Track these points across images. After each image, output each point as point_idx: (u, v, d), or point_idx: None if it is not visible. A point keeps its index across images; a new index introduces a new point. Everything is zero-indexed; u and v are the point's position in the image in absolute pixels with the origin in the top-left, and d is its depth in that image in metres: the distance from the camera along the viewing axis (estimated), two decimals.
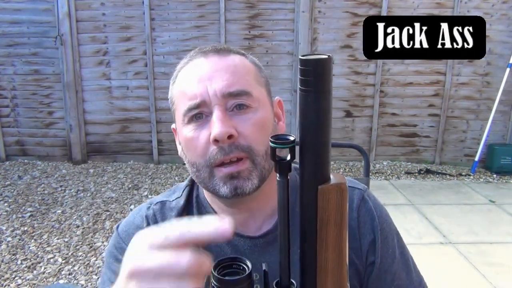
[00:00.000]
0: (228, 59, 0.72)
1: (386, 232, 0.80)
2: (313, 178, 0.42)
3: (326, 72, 0.40)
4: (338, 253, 0.44)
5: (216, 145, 0.67)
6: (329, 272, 0.44)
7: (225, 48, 0.74)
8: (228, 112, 0.68)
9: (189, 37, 4.81)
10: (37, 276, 2.78)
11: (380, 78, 4.91)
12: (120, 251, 0.78)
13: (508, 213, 3.83)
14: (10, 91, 4.97)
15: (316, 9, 4.79)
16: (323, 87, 0.40)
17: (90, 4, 4.77)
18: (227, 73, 0.69)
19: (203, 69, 0.71)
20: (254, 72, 0.74)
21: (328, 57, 0.40)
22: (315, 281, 0.44)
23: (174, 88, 0.77)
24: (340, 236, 0.43)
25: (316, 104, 0.40)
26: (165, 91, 5.49)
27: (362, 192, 0.82)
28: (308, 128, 0.41)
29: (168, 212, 0.80)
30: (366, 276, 0.79)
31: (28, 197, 4.08)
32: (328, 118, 0.41)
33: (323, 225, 0.43)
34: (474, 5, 4.74)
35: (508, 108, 4.92)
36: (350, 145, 3.80)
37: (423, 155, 5.13)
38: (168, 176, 4.68)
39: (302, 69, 0.40)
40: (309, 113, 0.41)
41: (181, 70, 0.75)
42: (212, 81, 0.68)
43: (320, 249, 0.43)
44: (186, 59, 0.76)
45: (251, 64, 0.75)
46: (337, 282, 0.44)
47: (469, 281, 2.78)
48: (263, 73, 0.77)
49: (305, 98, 0.40)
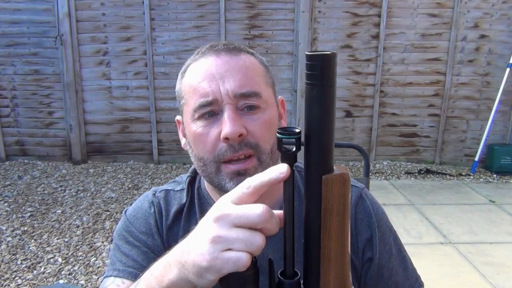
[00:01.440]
0: (239, 58, 0.74)
1: (383, 229, 0.82)
2: (317, 168, 0.43)
3: (331, 67, 0.42)
4: (341, 242, 0.44)
5: (226, 142, 0.69)
6: (332, 261, 0.45)
7: (236, 47, 0.76)
8: (238, 111, 0.71)
9: (189, 37, 4.81)
10: (37, 276, 2.78)
11: (380, 78, 4.91)
12: (129, 233, 0.81)
13: (508, 213, 3.83)
14: (10, 91, 4.98)
15: (316, 9, 4.79)
16: (328, 81, 0.42)
17: (90, 4, 4.77)
18: (239, 73, 0.71)
19: (215, 67, 0.72)
20: (263, 73, 0.77)
21: (333, 53, 0.41)
22: (318, 269, 0.45)
23: (183, 82, 0.78)
24: (343, 226, 0.44)
25: (321, 97, 0.42)
26: (165, 91, 5.50)
27: (360, 190, 0.84)
28: (313, 120, 0.42)
29: (172, 200, 0.83)
30: (363, 272, 0.80)
31: (28, 197, 4.07)
32: (332, 111, 0.43)
33: (326, 214, 0.43)
34: (474, 5, 4.74)
35: (508, 108, 4.92)
36: (350, 145, 3.79)
37: (423, 155, 5.13)
38: (168, 176, 4.68)
39: (308, 63, 0.41)
40: (314, 105, 0.42)
41: (191, 65, 0.77)
42: (225, 81, 0.71)
43: (324, 238, 0.44)
44: (197, 55, 0.77)
45: (260, 65, 0.78)
46: (340, 271, 0.45)
47: (469, 281, 2.78)
48: (270, 73, 0.80)
49: (311, 91, 0.42)
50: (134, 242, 0.80)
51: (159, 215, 0.82)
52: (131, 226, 0.82)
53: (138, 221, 0.82)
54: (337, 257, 0.45)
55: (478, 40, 4.82)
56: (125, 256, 0.79)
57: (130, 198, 4.07)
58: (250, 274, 0.45)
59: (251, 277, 0.45)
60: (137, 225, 0.82)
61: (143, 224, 0.81)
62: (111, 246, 0.84)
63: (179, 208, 0.82)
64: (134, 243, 0.80)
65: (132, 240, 0.80)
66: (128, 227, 0.82)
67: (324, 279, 0.45)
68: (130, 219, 0.83)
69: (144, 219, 0.82)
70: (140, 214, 0.82)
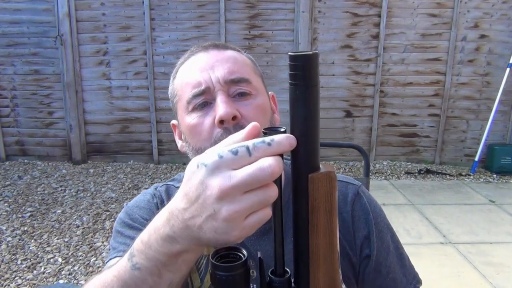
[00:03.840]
0: (226, 52, 0.78)
1: (381, 226, 0.82)
2: (303, 167, 0.43)
3: (313, 67, 0.42)
4: (329, 240, 0.45)
5: (220, 127, 0.71)
6: (320, 258, 0.45)
7: (223, 44, 0.81)
8: (231, 98, 0.73)
9: (189, 37, 4.81)
10: (37, 276, 2.78)
11: (380, 78, 4.91)
12: (133, 220, 0.81)
13: (508, 213, 3.83)
14: (10, 91, 4.98)
15: (316, 9, 4.79)
16: (311, 81, 0.42)
17: (90, 4, 4.77)
18: (227, 62, 0.75)
19: (205, 60, 0.76)
20: (250, 64, 0.81)
21: (315, 53, 0.42)
22: (308, 267, 0.45)
23: (175, 82, 0.82)
24: (330, 223, 0.45)
25: (305, 97, 0.42)
26: (165, 91, 5.49)
27: (357, 187, 0.85)
28: (298, 119, 0.43)
29: (173, 194, 0.83)
30: (361, 269, 0.80)
31: (28, 197, 4.08)
32: (316, 110, 0.43)
33: (313, 212, 0.44)
34: (474, 5, 4.73)
35: (508, 108, 4.92)
36: (350, 145, 3.79)
37: (423, 155, 5.13)
38: (168, 176, 4.68)
39: (291, 64, 0.42)
40: (298, 105, 0.42)
41: (182, 65, 0.81)
42: (215, 70, 0.74)
43: (312, 235, 0.44)
44: (187, 55, 0.81)
45: (247, 58, 0.82)
46: (329, 268, 0.46)
47: (469, 281, 2.78)
48: (258, 67, 0.83)
49: (294, 91, 0.42)
50: (138, 226, 0.79)
51: (161, 206, 0.82)
52: (134, 213, 0.82)
53: (141, 210, 0.83)
54: (326, 254, 0.45)
55: (478, 40, 4.82)
56: (130, 239, 0.77)
57: (130, 198, 4.07)
58: (240, 273, 0.45)
59: (241, 276, 0.45)
60: (140, 213, 0.82)
61: (146, 212, 0.82)
62: (112, 235, 0.84)
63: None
64: (139, 227, 0.78)
65: (136, 225, 0.80)
66: (131, 214, 0.82)
67: (314, 276, 0.45)
68: (133, 209, 0.83)
69: (147, 208, 0.82)
70: (143, 204, 0.83)
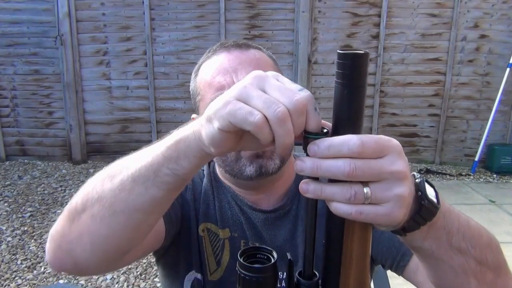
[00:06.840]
0: (249, 53, 0.79)
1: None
2: None
3: (362, 66, 0.41)
4: (363, 245, 0.44)
5: None
6: (353, 263, 0.44)
7: (245, 43, 0.82)
8: None
9: (189, 37, 4.81)
10: (37, 276, 2.78)
11: (380, 78, 4.91)
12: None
13: (508, 213, 3.83)
14: (10, 91, 4.97)
15: (316, 9, 4.79)
16: (358, 82, 0.41)
17: (90, 4, 4.77)
18: (250, 65, 0.76)
19: (228, 62, 0.77)
20: (273, 65, 0.82)
21: (366, 52, 0.40)
22: (338, 271, 0.44)
23: (198, 80, 0.83)
24: (365, 227, 0.44)
25: (350, 97, 0.41)
26: (165, 91, 5.46)
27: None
28: (341, 119, 0.42)
29: (195, 177, 0.89)
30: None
31: (28, 197, 4.07)
32: (361, 111, 0.42)
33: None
34: (474, 5, 4.74)
35: (508, 108, 4.92)
36: None
37: (423, 155, 5.13)
38: None
39: (339, 62, 0.41)
40: (343, 105, 0.41)
41: (204, 63, 0.82)
42: (238, 73, 0.75)
43: (346, 240, 0.43)
44: (209, 53, 0.83)
45: (269, 58, 0.83)
46: (360, 274, 0.45)
47: None
48: (278, 66, 0.85)
49: (341, 90, 0.41)
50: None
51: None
52: None
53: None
54: (358, 260, 0.44)
55: (478, 40, 4.82)
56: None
57: None
58: (269, 276, 0.45)
59: (270, 279, 0.45)
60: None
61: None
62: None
63: (199, 181, 0.89)
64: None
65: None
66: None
67: (344, 281, 0.44)
68: None
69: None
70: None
